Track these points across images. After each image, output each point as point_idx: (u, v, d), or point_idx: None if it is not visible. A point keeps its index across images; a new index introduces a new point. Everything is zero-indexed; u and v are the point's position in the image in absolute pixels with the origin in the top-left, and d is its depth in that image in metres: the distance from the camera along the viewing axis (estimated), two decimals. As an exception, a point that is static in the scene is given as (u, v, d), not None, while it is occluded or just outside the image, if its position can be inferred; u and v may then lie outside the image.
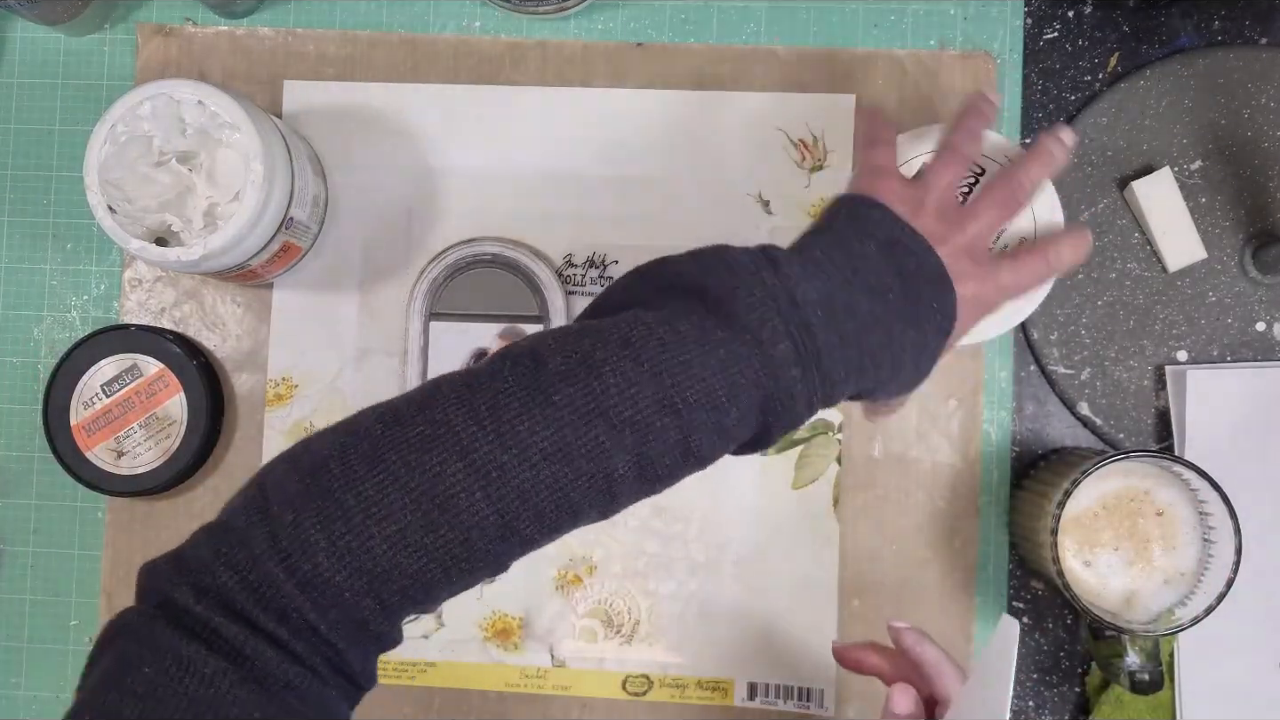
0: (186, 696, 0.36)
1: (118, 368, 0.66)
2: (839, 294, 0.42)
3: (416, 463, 0.39)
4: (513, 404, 0.40)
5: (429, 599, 0.41)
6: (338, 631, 0.39)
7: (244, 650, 0.37)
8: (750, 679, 0.65)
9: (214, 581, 0.38)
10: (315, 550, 0.38)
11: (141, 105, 0.58)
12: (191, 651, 0.37)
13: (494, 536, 0.40)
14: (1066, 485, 0.57)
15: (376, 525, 0.39)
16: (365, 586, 0.39)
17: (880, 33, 0.67)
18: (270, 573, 0.38)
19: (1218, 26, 0.67)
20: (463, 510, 0.39)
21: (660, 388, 0.40)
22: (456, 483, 0.39)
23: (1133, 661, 0.58)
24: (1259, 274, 0.65)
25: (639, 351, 0.40)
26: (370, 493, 0.39)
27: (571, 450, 0.40)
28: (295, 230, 0.63)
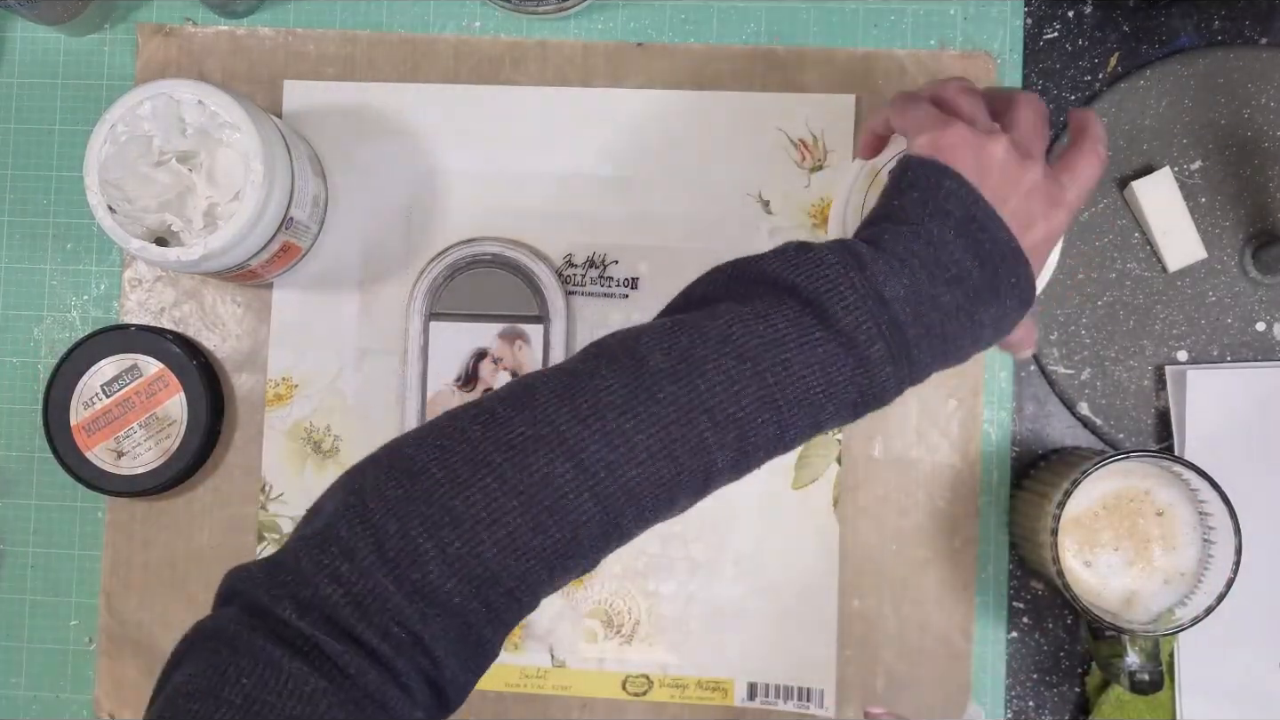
0: (284, 714, 0.35)
1: (118, 368, 0.66)
2: (924, 288, 0.43)
3: (522, 464, 0.39)
4: (616, 402, 0.40)
5: (533, 600, 0.41)
6: (440, 640, 0.38)
7: (347, 670, 0.37)
8: (750, 679, 0.65)
9: (317, 595, 0.37)
10: (425, 559, 0.38)
11: (141, 105, 0.58)
12: (294, 668, 0.36)
13: (598, 534, 0.40)
14: (1066, 485, 0.57)
15: (487, 530, 0.38)
16: (473, 591, 0.38)
17: (880, 33, 0.67)
18: (378, 584, 0.37)
19: (1218, 26, 0.67)
20: (571, 510, 0.39)
21: (762, 385, 0.41)
22: (566, 483, 0.39)
23: (1133, 661, 0.58)
24: (1259, 274, 0.65)
25: (740, 348, 0.41)
26: (477, 497, 0.39)
27: (676, 447, 0.40)
28: (295, 230, 0.63)
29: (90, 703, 0.68)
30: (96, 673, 0.67)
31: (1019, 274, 0.45)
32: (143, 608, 0.67)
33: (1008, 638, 0.65)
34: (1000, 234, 0.44)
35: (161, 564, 0.67)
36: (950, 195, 0.44)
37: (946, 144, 0.46)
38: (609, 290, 0.67)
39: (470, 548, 0.38)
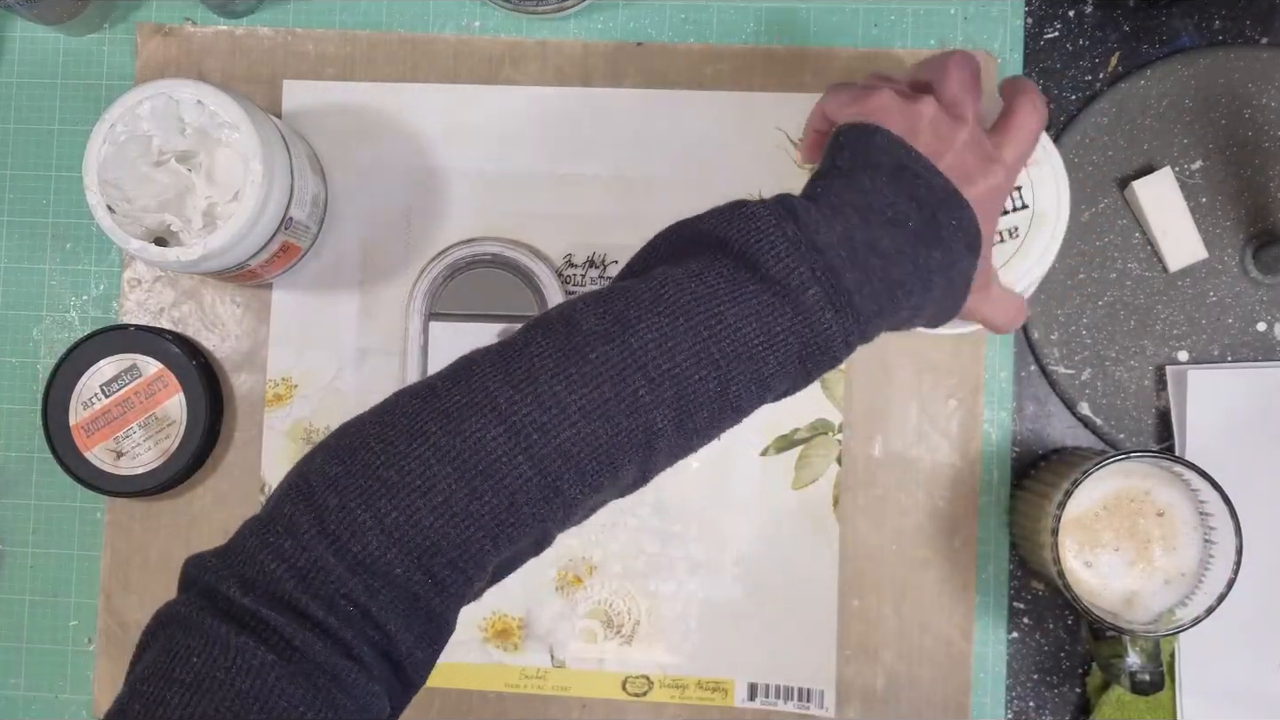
0: (234, 689, 0.36)
1: (117, 368, 0.65)
2: (858, 233, 0.42)
3: (456, 430, 0.39)
4: (548, 364, 0.40)
5: (479, 570, 0.41)
6: (389, 612, 0.39)
7: (293, 641, 0.37)
8: (750, 679, 0.65)
9: (261, 571, 0.38)
10: (364, 530, 0.38)
11: (141, 105, 0.58)
12: (240, 643, 0.37)
13: (538, 499, 0.40)
14: (1067, 485, 0.57)
15: (422, 498, 0.39)
16: (415, 562, 0.39)
17: (880, 32, 0.67)
18: (319, 558, 0.38)
19: (1218, 26, 0.67)
20: (506, 474, 0.39)
21: (696, 340, 0.41)
22: (498, 447, 0.39)
23: (1133, 662, 0.58)
24: (1260, 274, 0.65)
25: (673, 306, 0.41)
26: (413, 466, 0.39)
27: (610, 407, 0.40)
28: (294, 230, 0.63)
29: (89, 703, 0.68)
30: (95, 673, 0.67)
31: (960, 216, 0.45)
32: (142, 608, 0.67)
33: (1008, 638, 0.65)
34: (935, 179, 0.44)
35: (161, 564, 0.67)
36: (880, 149, 0.45)
37: (873, 107, 0.46)
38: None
39: (407, 516, 0.38)
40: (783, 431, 0.66)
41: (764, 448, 0.66)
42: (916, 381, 0.66)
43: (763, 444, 0.66)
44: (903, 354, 0.66)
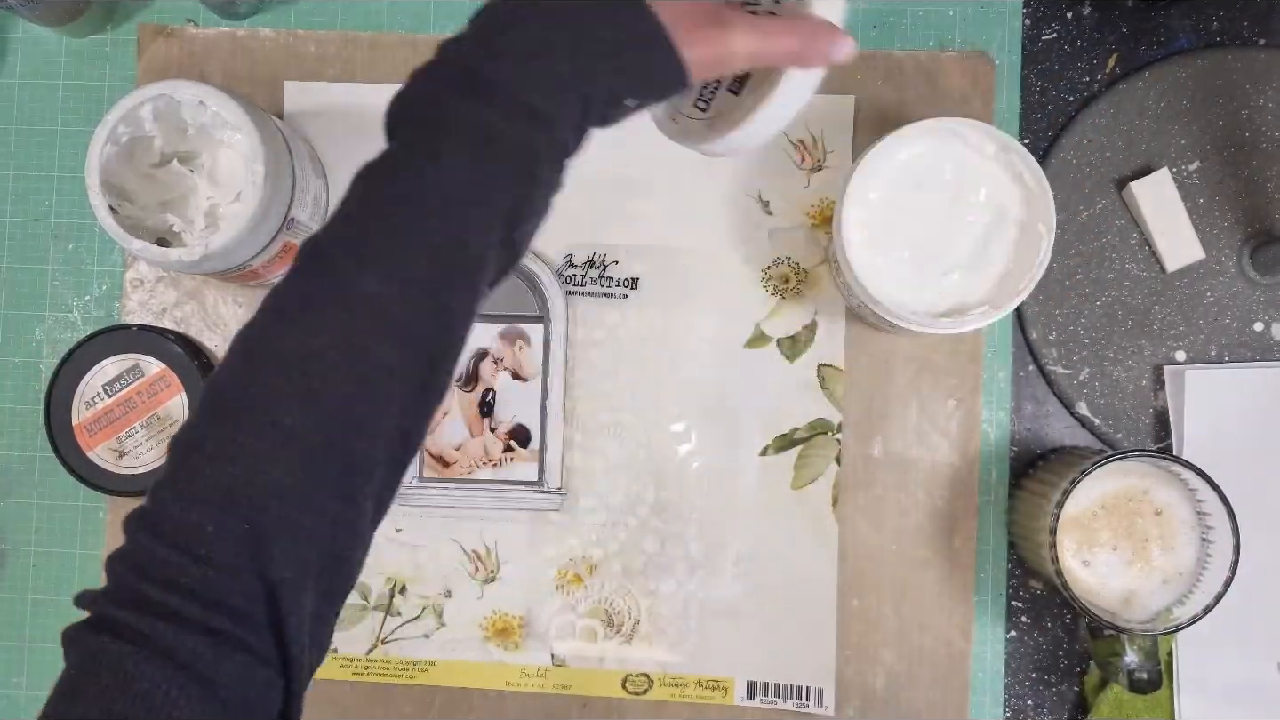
0: (101, 685, 0.36)
1: (119, 368, 0.66)
2: (479, 28, 0.42)
3: (213, 382, 0.40)
4: (271, 296, 0.40)
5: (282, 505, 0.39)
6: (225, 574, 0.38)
7: (140, 629, 0.37)
8: (750, 678, 0.66)
9: (112, 579, 0.39)
10: (166, 503, 0.38)
11: (143, 106, 0.58)
12: (100, 643, 0.37)
13: (297, 409, 0.39)
14: (1065, 485, 0.58)
15: (196, 452, 0.39)
16: (220, 515, 0.38)
17: (879, 33, 0.67)
18: (143, 543, 0.38)
19: (1216, 28, 0.67)
20: (256, 398, 0.39)
21: (371, 198, 0.41)
22: (243, 378, 0.39)
23: (1131, 660, 0.58)
24: (1257, 274, 0.65)
25: (351, 193, 0.41)
26: (183, 433, 0.39)
27: (317, 295, 0.40)
28: (296, 231, 0.63)
29: (92, 702, 0.68)
30: (98, 672, 0.67)
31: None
32: (144, 607, 0.67)
33: (1006, 637, 0.65)
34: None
35: (163, 563, 0.68)
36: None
37: None
38: (609, 290, 0.67)
39: (192, 474, 0.39)
40: (782, 431, 0.66)
41: (763, 448, 0.66)
42: (916, 382, 0.66)
43: (762, 444, 0.66)
44: (903, 354, 0.66)
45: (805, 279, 0.67)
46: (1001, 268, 0.58)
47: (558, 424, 0.67)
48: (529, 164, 0.41)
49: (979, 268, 0.58)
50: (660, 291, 0.67)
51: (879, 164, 0.58)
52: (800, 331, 0.66)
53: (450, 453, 0.67)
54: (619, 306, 0.67)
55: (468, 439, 0.67)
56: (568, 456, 0.67)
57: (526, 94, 0.40)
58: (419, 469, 0.67)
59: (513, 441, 0.67)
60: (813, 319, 0.66)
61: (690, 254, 0.67)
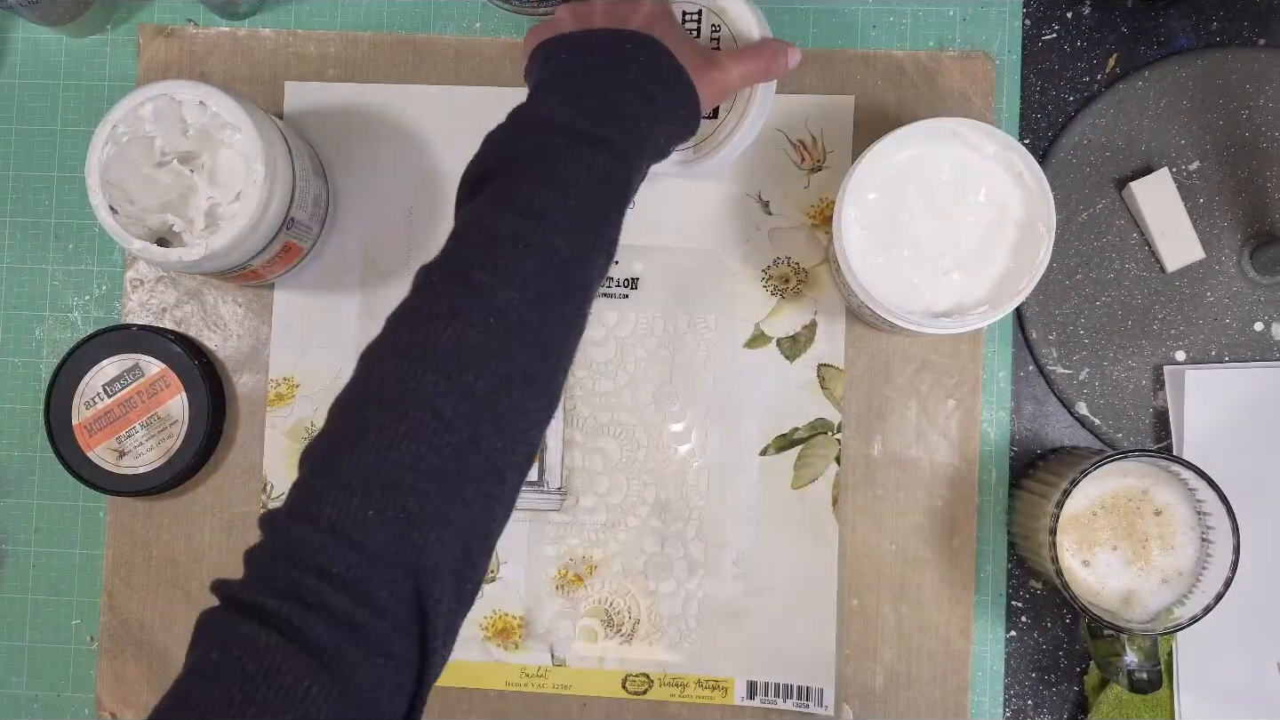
0: (243, 673, 0.38)
1: (119, 368, 0.66)
2: (571, 93, 0.50)
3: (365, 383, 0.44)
4: (408, 308, 0.46)
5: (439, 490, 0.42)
6: (381, 563, 0.40)
7: (292, 620, 0.39)
8: (750, 678, 0.66)
9: (255, 565, 0.41)
10: (326, 492, 0.41)
11: (143, 106, 0.58)
12: (246, 630, 0.38)
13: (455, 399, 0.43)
14: (1065, 485, 0.58)
15: (361, 441, 0.42)
16: (381, 500, 0.41)
17: (879, 34, 0.67)
18: (298, 533, 0.40)
19: (1216, 28, 0.67)
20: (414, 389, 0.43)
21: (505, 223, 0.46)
22: (399, 373, 0.43)
23: (1131, 660, 0.58)
24: (1257, 274, 0.65)
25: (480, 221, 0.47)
26: (344, 427, 0.43)
27: (463, 303, 0.44)
28: (296, 231, 0.63)
29: (92, 701, 0.68)
30: (98, 672, 0.68)
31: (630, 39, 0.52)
32: (144, 607, 0.67)
33: (1006, 637, 0.65)
34: (593, 33, 0.52)
35: (163, 563, 0.68)
36: (547, 48, 0.53)
37: (533, 40, 0.55)
38: (609, 290, 0.67)
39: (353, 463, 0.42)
40: (782, 431, 0.66)
41: (763, 447, 0.66)
42: (915, 381, 0.66)
43: (762, 444, 0.66)
44: (902, 354, 0.66)
45: (805, 279, 0.67)
46: (1001, 268, 0.58)
47: (558, 424, 0.67)
48: (625, 197, 0.50)
49: (979, 268, 0.58)
50: (660, 291, 0.67)
51: (879, 164, 0.58)
52: (800, 331, 0.66)
53: (450, 453, 0.67)
54: (619, 306, 0.67)
55: (468, 439, 0.67)
56: (568, 456, 0.67)
57: (628, 149, 0.50)
58: (419, 469, 0.67)
59: (513, 441, 0.67)
60: (813, 319, 0.66)
61: (690, 254, 0.67)
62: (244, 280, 0.65)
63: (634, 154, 0.50)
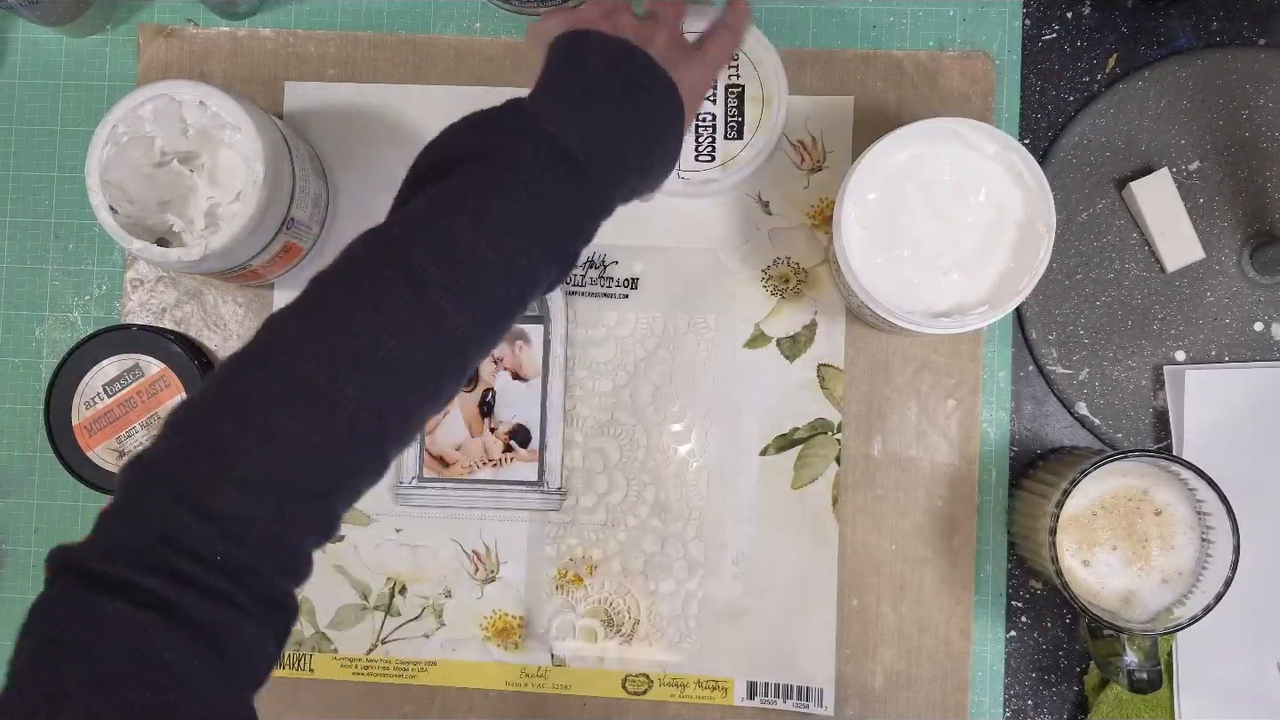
0: (119, 651, 0.37)
1: (119, 368, 0.66)
2: (583, 115, 0.48)
3: (284, 375, 0.42)
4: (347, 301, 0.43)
5: (331, 498, 0.42)
6: (259, 556, 0.40)
7: (168, 598, 0.38)
8: (750, 678, 0.66)
9: (123, 542, 0.39)
10: (218, 485, 0.40)
11: (143, 106, 0.58)
12: (115, 608, 0.37)
13: (373, 416, 0.42)
14: (1065, 485, 0.58)
15: (270, 443, 0.41)
16: (275, 504, 0.40)
17: (879, 34, 0.67)
18: (179, 519, 0.39)
19: (1216, 28, 0.67)
20: (338, 401, 0.41)
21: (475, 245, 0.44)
22: (324, 378, 0.41)
23: (1131, 660, 0.58)
24: (1257, 274, 0.65)
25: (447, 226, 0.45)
26: (253, 416, 0.41)
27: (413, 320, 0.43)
28: (296, 231, 0.63)
29: (92, 702, 0.68)
30: (98, 672, 0.67)
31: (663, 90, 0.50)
32: (144, 607, 0.67)
33: (1006, 637, 0.65)
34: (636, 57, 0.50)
35: (163, 563, 0.68)
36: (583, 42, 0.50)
37: (581, 18, 0.53)
38: (609, 290, 0.67)
39: (257, 463, 0.40)
40: (782, 431, 0.66)
41: (763, 447, 0.66)
42: (915, 381, 0.66)
43: (762, 444, 0.66)
44: (902, 354, 0.66)
45: (805, 279, 0.67)
46: (1001, 268, 0.58)
47: (558, 424, 0.67)
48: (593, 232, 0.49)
49: (979, 268, 0.58)
50: (660, 291, 0.67)
51: (879, 164, 0.58)
52: (800, 331, 0.66)
53: (450, 453, 0.67)
54: (619, 306, 0.67)
55: (468, 439, 0.67)
56: (568, 456, 0.67)
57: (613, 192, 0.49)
58: (419, 469, 0.67)
59: (513, 441, 0.67)
60: (813, 319, 0.67)
61: (690, 254, 0.67)
62: (244, 280, 0.65)
63: (609, 204, 0.50)
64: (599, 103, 0.49)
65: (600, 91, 0.49)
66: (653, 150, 0.50)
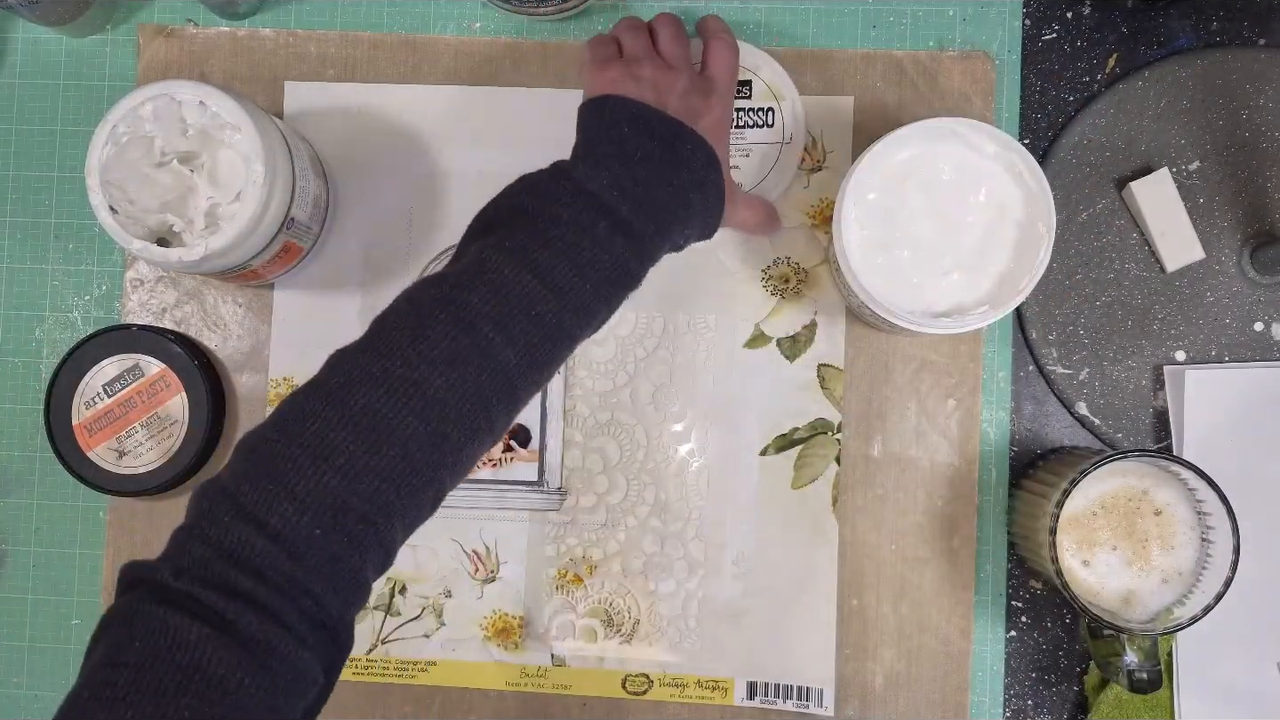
0: (174, 662, 0.39)
1: (119, 368, 0.66)
2: (622, 175, 0.52)
3: (342, 402, 0.45)
4: (405, 336, 0.46)
5: (386, 521, 0.44)
6: (314, 576, 0.42)
7: (225, 615, 0.40)
8: (750, 678, 0.66)
9: (189, 557, 0.41)
10: (278, 503, 0.42)
11: (143, 106, 0.58)
12: (176, 621, 0.39)
13: (428, 445, 0.45)
14: (1065, 485, 0.58)
15: (325, 463, 0.43)
16: (330, 521, 0.42)
17: (879, 34, 0.67)
18: (242, 535, 0.41)
19: (1216, 27, 0.67)
20: (395, 427, 0.44)
21: (523, 283, 0.48)
22: (382, 406, 0.44)
23: (1131, 660, 0.58)
24: (1257, 274, 0.65)
25: (497, 267, 0.48)
26: (310, 440, 0.43)
27: (466, 353, 0.46)
28: (296, 231, 0.63)
29: (92, 702, 0.68)
30: (98, 672, 0.67)
31: (693, 143, 0.54)
32: (144, 607, 0.67)
33: (1006, 636, 0.65)
34: (664, 120, 0.54)
35: (163, 563, 0.68)
36: (617, 109, 0.54)
37: (606, 80, 0.56)
38: (609, 290, 0.67)
39: (314, 483, 0.42)
40: (782, 431, 0.66)
41: (763, 447, 0.66)
42: (915, 381, 0.66)
43: (762, 444, 0.66)
44: (902, 354, 0.66)
45: (805, 279, 0.67)
46: (1001, 268, 0.58)
47: (558, 424, 0.67)
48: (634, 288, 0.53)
49: (979, 268, 0.58)
50: (660, 291, 0.67)
51: (879, 164, 0.58)
52: (800, 331, 0.66)
53: (450, 453, 0.67)
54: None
55: (468, 439, 0.67)
56: (568, 456, 0.67)
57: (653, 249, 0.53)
58: (419, 469, 0.67)
59: (513, 441, 0.67)
60: (813, 319, 0.67)
61: (690, 254, 0.67)
62: (244, 280, 0.65)
63: (657, 252, 0.53)
64: (633, 163, 0.52)
65: (632, 151, 0.52)
66: (690, 199, 0.54)
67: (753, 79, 0.65)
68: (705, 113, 0.56)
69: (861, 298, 0.58)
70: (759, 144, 0.65)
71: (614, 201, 0.51)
